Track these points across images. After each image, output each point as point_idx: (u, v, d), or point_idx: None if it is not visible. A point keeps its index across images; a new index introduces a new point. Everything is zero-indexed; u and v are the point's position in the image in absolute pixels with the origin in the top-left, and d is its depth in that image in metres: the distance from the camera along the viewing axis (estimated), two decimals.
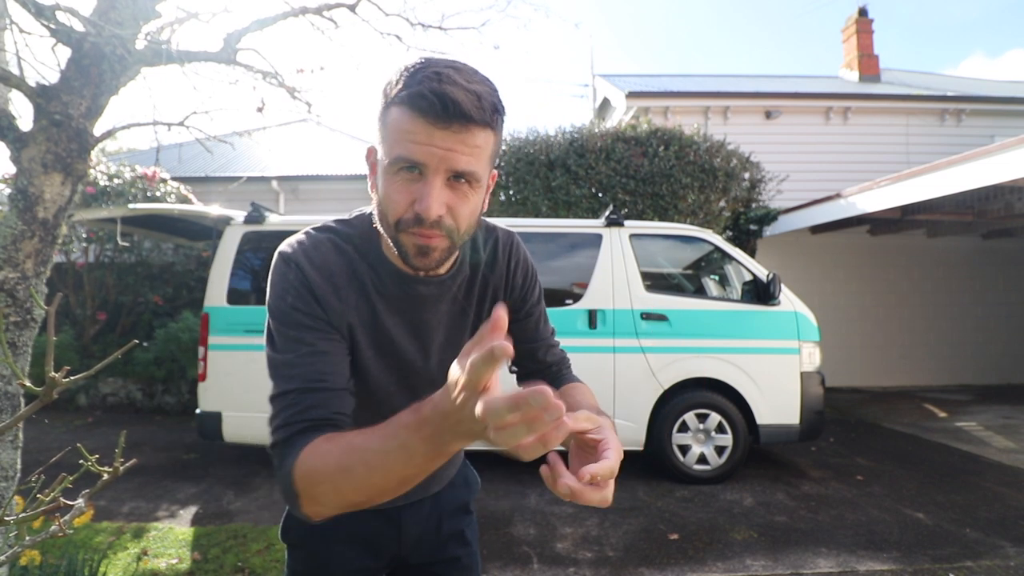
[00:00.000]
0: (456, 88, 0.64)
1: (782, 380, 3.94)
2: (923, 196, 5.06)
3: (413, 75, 0.66)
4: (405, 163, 0.67)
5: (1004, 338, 8.53)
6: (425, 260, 0.72)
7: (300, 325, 0.74)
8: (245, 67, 2.59)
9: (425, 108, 0.64)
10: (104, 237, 6.48)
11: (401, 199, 0.69)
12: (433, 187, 0.67)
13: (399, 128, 0.66)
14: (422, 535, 0.94)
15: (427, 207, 0.67)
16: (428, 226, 0.68)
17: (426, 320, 0.84)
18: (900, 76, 12.34)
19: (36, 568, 2.06)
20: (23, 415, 0.64)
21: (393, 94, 0.67)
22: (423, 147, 0.65)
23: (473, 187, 0.70)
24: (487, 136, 0.68)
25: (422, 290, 0.82)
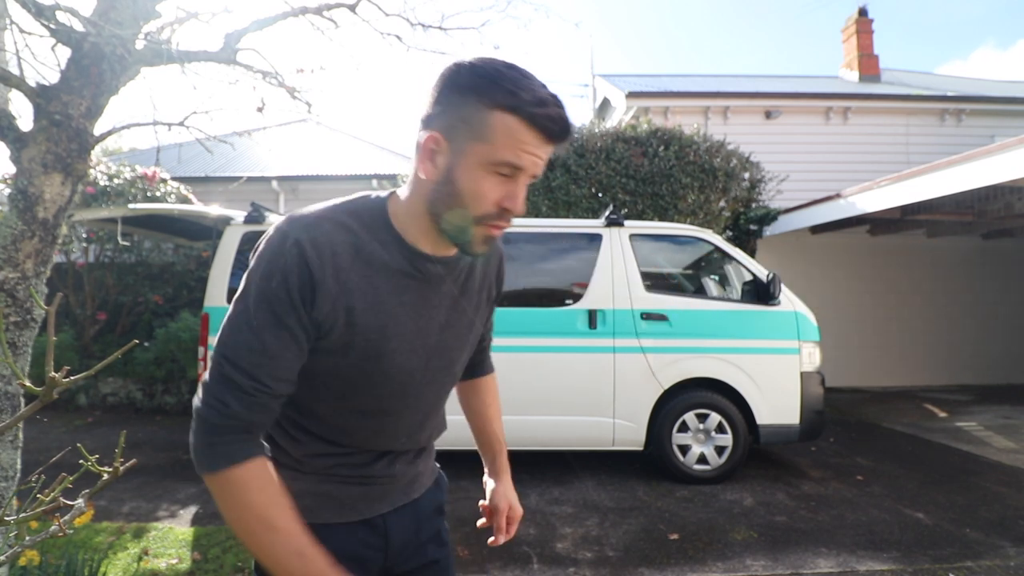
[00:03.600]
0: (564, 111, 0.72)
1: (782, 380, 3.94)
2: (923, 196, 5.06)
3: (525, 88, 0.70)
4: (509, 167, 0.73)
5: (1004, 338, 8.52)
6: (486, 247, 0.79)
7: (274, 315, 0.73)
8: (245, 67, 2.59)
9: (550, 130, 0.71)
10: (104, 237, 6.48)
11: (493, 195, 0.74)
12: (523, 188, 0.75)
13: (513, 136, 0.71)
14: (406, 541, 0.95)
15: (517, 205, 0.75)
16: (508, 219, 0.76)
17: (430, 299, 0.85)
18: (900, 76, 12.34)
19: (36, 568, 2.06)
20: (23, 415, 0.64)
21: (507, 101, 0.70)
22: (531, 157, 0.73)
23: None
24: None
25: (431, 268, 0.83)
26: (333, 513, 0.86)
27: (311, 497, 0.84)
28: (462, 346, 0.92)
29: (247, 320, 0.73)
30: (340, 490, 0.86)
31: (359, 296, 0.77)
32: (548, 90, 0.72)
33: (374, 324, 0.79)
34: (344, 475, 0.86)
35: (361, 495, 0.87)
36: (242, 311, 0.74)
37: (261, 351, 0.72)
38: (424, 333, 0.85)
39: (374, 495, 0.89)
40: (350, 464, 0.86)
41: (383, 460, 0.89)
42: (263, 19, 2.54)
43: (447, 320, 0.88)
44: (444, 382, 0.93)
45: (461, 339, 0.91)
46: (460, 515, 3.37)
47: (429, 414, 0.93)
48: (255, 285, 0.74)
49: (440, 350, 0.88)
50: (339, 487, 0.86)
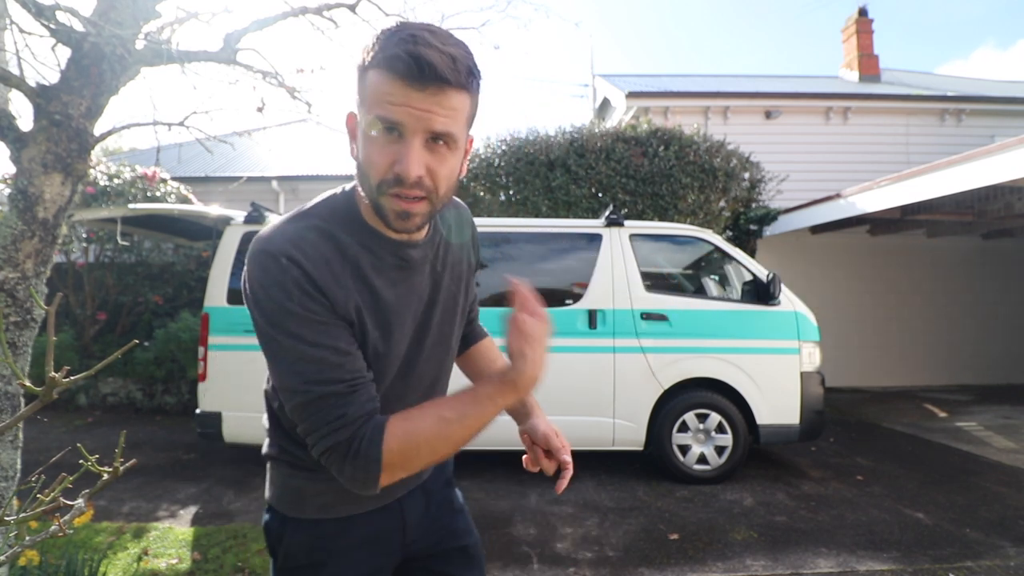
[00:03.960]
0: (431, 50, 0.65)
1: (782, 380, 3.94)
2: (923, 196, 5.06)
3: (389, 38, 0.67)
4: (384, 123, 0.68)
5: (1004, 338, 8.52)
6: (406, 223, 0.74)
7: (317, 323, 0.72)
8: (245, 67, 2.59)
9: (402, 70, 0.65)
10: (104, 237, 6.48)
11: (381, 160, 0.70)
12: (412, 147, 0.68)
13: (377, 90, 0.67)
14: (420, 516, 0.98)
15: (407, 167, 0.68)
16: (409, 186, 0.70)
17: (416, 284, 0.86)
18: (900, 76, 12.34)
19: (36, 568, 2.06)
20: (23, 415, 0.64)
21: (370, 58, 0.68)
22: (401, 108, 0.67)
23: (451, 148, 0.72)
24: (463, 98, 0.70)
25: (412, 253, 0.83)
26: (352, 506, 0.89)
27: (332, 495, 0.87)
28: (452, 320, 0.94)
29: (294, 344, 0.71)
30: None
31: (358, 296, 0.77)
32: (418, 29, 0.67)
33: (376, 320, 0.80)
34: None
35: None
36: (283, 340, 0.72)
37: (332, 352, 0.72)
38: (417, 316, 0.86)
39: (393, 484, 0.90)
40: None
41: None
42: (263, 19, 2.54)
43: (436, 299, 0.89)
44: (442, 358, 0.94)
45: (451, 314, 0.93)
46: None
47: (429, 393, 0.94)
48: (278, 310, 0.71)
49: (434, 328, 0.89)
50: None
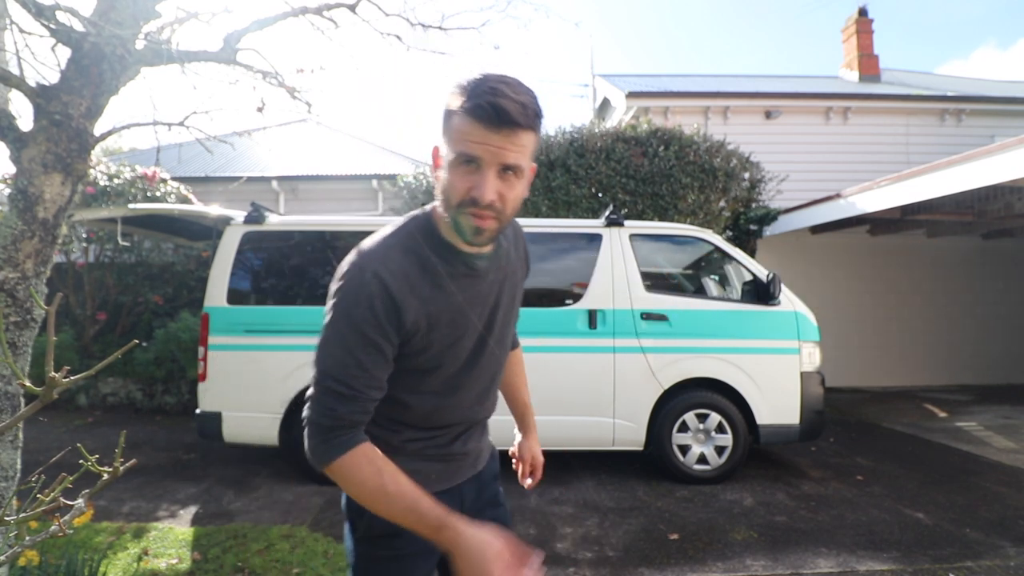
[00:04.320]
0: (507, 100, 0.82)
1: (782, 380, 3.94)
2: (923, 196, 5.06)
3: (474, 89, 0.83)
4: (465, 158, 0.85)
5: (1004, 338, 8.52)
6: (480, 238, 0.90)
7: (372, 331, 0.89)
8: (245, 67, 2.59)
9: (482, 116, 0.82)
10: (104, 237, 6.48)
11: (461, 186, 0.87)
12: (487, 177, 0.85)
13: (461, 131, 0.85)
14: (472, 503, 1.13)
15: (482, 193, 0.85)
16: (483, 208, 0.86)
17: (482, 290, 1.02)
18: (900, 76, 12.34)
19: (36, 568, 2.06)
20: (23, 415, 0.64)
21: (458, 105, 0.84)
22: (479, 145, 0.84)
23: (518, 177, 0.88)
24: (529, 137, 0.87)
25: (480, 264, 1.00)
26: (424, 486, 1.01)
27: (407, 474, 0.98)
28: (509, 321, 1.11)
29: (341, 343, 0.90)
30: (428, 467, 1.05)
31: (433, 303, 0.95)
32: (497, 82, 0.83)
33: (447, 321, 0.97)
34: (431, 455, 1.06)
35: (443, 470, 1.07)
36: (335, 335, 0.90)
37: (356, 365, 0.89)
38: (482, 318, 1.03)
39: (452, 470, 1.09)
40: (435, 445, 1.06)
41: (458, 440, 1.09)
42: (263, 19, 2.54)
43: (498, 302, 1.05)
44: (499, 356, 1.11)
45: (509, 316, 1.10)
46: None
47: (489, 386, 1.11)
48: (343, 313, 0.90)
49: (495, 329, 1.06)
50: (427, 464, 1.05)
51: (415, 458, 1.03)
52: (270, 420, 3.84)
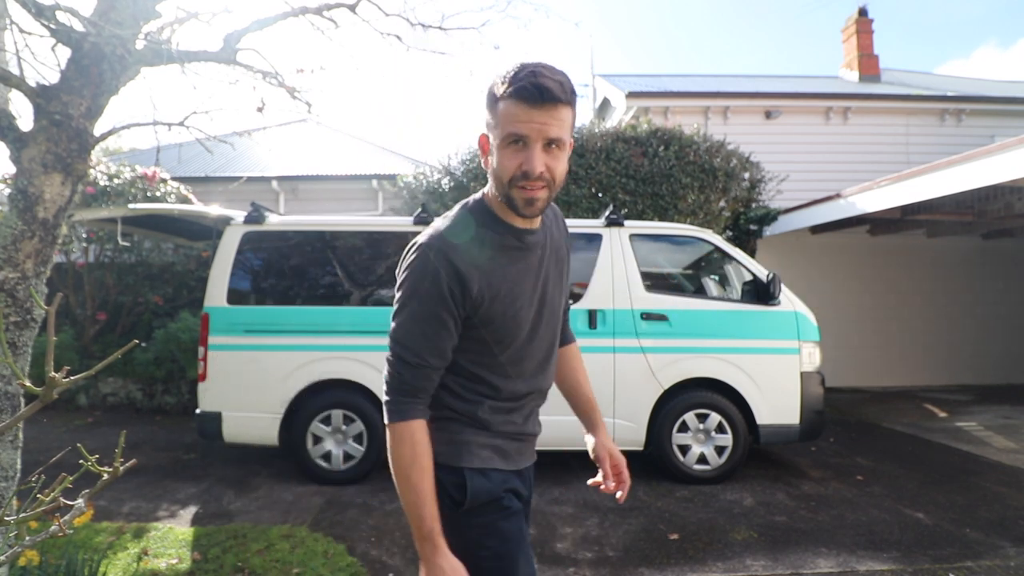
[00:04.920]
0: (546, 79, 0.91)
1: (782, 380, 3.94)
2: (923, 196, 5.06)
3: (515, 75, 0.93)
4: (513, 138, 0.95)
5: (1004, 338, 8.52)
6: (532, 208, 0.99)
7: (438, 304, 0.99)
8: (245, 67, 2.59)
9: (527, 96, 0.91)
10: (104, 237, 6.48)
11: (512, 163, 0.96)
12: (535, 152, 0.95)
13: (508, 114, 0.94)
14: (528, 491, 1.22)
15: (532, 165, 0.94)
16: (533, 179, 0.95)
17: (532, 262, 1.10)
18: (900, 76, 12.33)
19: (36, 568, 2.06)
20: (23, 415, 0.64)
21: (501, 92, 0.94)
22: (525, 124, 0.93)
23: (561, 149, 0.97)
24: (568, 111, 0.96)
25: (529, 239, 1.09)
26: (502, 462, 1.12)
27: (490, 449, 1.10)
28: (560, 293, 1.18)
29: (411, 314, 1.01)
30: (507, 444, 1.13)
31: (492, 275, 1.04)
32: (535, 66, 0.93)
33: (505, 290, 1.05)
34: (509, 432, 1.13)
35: (517, 450, 1.15)
36: (404, 308, 1.02)
37: (421, 334, 1.01)
38: (535, 288, 1.11)
39: (524, 451, 1.18)
40: (511, 422, 1.13)
41: (529, 420, 1.17)
42: (263, 19, 2.54)
43: (548, 275, 1.14)
44: (554, 325, 1.17)
45: (559, 288, 1.17)
46: None
47: (549, 354, 1.18)
48: (412, 288, 1.01)
49: (548, 299, 1.14)
50: (507, 442, 1.13)
51: (498, 436, 1.11)
52: (270, 420, 3.84)
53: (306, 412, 3.88)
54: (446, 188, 6.76)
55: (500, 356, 1.08)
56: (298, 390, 3.85)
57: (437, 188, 6.84)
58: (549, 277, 1.14)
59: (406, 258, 1.04)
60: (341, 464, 3.91)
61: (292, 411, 3.88)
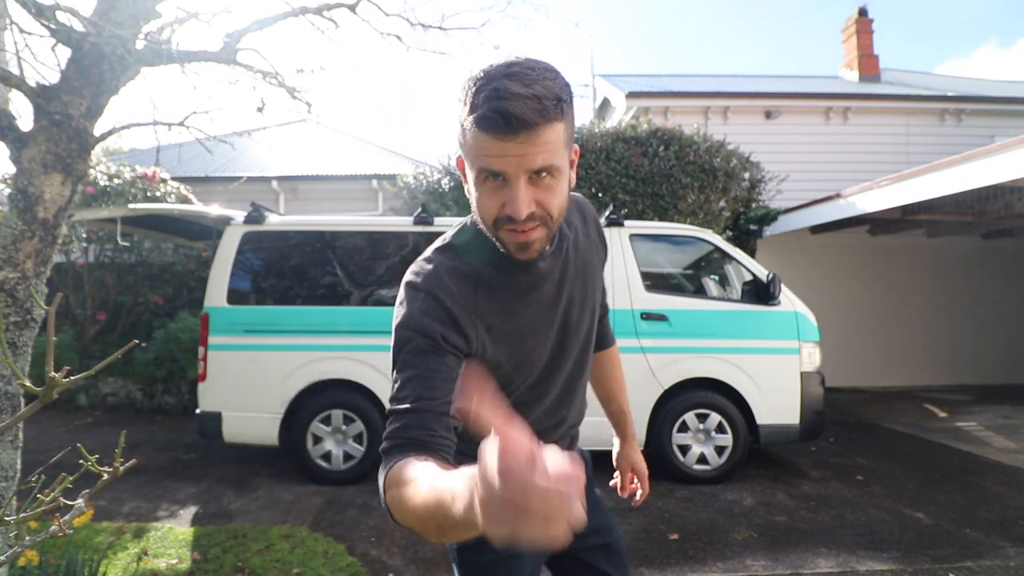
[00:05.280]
0: (514, 101, 0.69)
1: (782, 380, 3.94)
2: (923, 196, 5.06)
3: (476, 95, 0.71)
4: (487, 174, 0.75)
5: (1004, 338, 8.52)
6: (526, 252, 0.82)
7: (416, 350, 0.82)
8: (245, 67, 2.59)
9: (492, 127, 0.70)
10: (104, 237, 6.48)
11: (492, 204, 0.77)
12: (518, 190, 0.74)
13: (475, 145, 0.73)
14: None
15: (516, 209, 0.75)
16: (523, 221, 0.76)
17: (547, 292, 0.94)
18: (900, 76, 12.33)
19: (36, 568, 2.06)
20: (23, 415, 0.64)
21: (465, 115, 0.73)
22: (499, 158, 0.72)
23: (555, 176, 0.77)
24: (555, 129, 0.73)
25: (539, 268, 0.90)
26: None
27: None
28: (585, 317, 1.02)
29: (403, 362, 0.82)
30: None
31: (492, 315, 0.88)
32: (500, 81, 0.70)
33: (512, 332, 0.90)
34: None
35: None
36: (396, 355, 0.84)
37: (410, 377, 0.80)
38: (553, 321, 0.96)
39: None
40: None
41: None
42: (263, 19, 2.54)
43: (569, 301, 0.98)
44: (581, 351, 1.03)
45: (583, 312, 1.01)
46: None
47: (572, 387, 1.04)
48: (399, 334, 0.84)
49: (572, 327, 0.99)
50: None
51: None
52: (270, 420, 3.85)
53: (306, 412, 3.88)
54: (446, 188, 6.76)
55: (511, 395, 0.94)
56: (298, 390, 3.85)
57: (437, 188, 6.84)
58: (573, 301, 0.98)
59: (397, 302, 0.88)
60: (341, 464, 3.91)
61: (292, 411, 3.88)
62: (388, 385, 0.90)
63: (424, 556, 2.86)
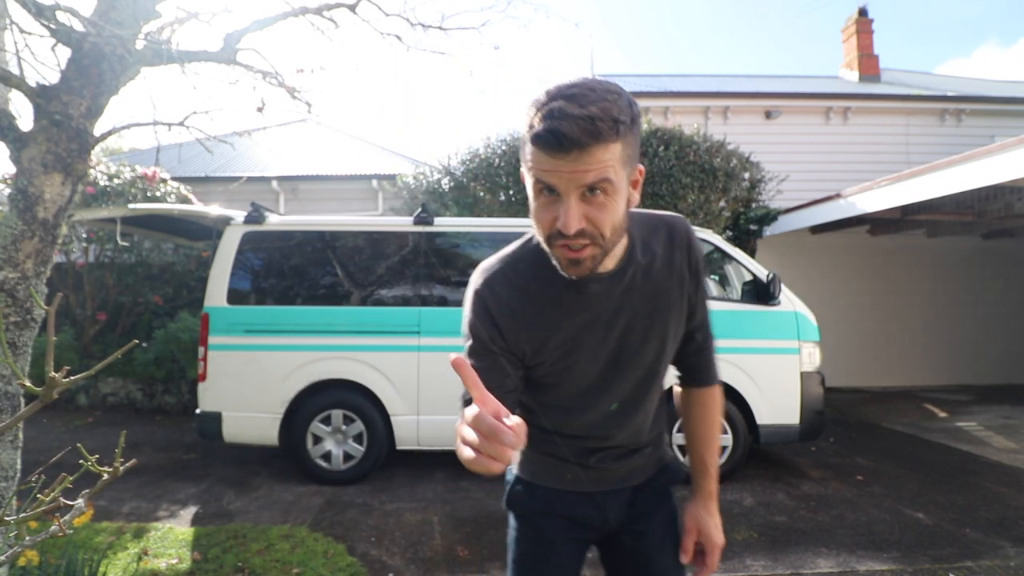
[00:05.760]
0: (568, 121, 0.73)
1: (782, 380, 3.94)
2: (923, 196, 5.06)
3: (536, 114, 0.77)
4: (542, 186, 0.79)
5: (1004, 338, 8.52)
6: (577, 269, 0.84)
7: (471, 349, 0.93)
8: (245, 67, 2.59)
9: (544, 144, 0.75)
10: (104, 237, 6.48)
11: (545, 218, 0.81)
12: (569, 206, 0.77)
13: (532, 160, 0.79)
14: (620, 514, 1.10)
15: (566, 224, 0.78)
16: (573, 237, 0.79)
17: (600, 312, 0.95)
18: (900, 76, 12.34)
19: (36, 568, 2.06)
20: (23, 415, 0.64)
21: (525, 131, 0.79)
22: (552, 173, 0.77)
23: (609, 193, 0.78)
24: (610, 148, 0.75)
25: (592, 288, 0.92)
26: (554, 481, 1.08)
27: (539, 465, 1.08)
28: (647, 348, 0.99)
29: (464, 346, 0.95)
30: (560, 465, 1.06)
31: (537, 326, 0.93)
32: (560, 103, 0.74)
33: (556, 344, 0.95)
34: (562, 456, 1.05)
35: (580, 474, 1.06)
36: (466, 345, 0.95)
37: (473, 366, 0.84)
38: (603, 343, 0.96)
39: (590, 477, 1.07)
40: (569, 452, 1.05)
41: (595, 455, 1.05)
42: (263, 19, 2.54)
43: (626, 327, 0.97)
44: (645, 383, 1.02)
45: (646, 343, 0.98)
46: (459, 515, 3.37)
47: (630, 413, 1.03)
48: (463, 323, 0.96)
49: (626, 355, 0.98)
50: (559, 463, 1.06)
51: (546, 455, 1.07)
52: (270, 420, 3.85)
53: (306, 412, 3.88)
54: (446, 188, 6.77)
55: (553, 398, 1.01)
56: (298, 390, 3.85)
57: (437, 188, 6.84)
58: (634, 329, 0.97)
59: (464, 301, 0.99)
60: (341, 464, 3.91)
61: (292, 411, 3.88)
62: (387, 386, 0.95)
63: (424, 556, 2.86)
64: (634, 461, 1.08)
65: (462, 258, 4.15)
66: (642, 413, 1.05)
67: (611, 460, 1.06)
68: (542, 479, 1.09)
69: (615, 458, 1.07)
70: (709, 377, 1.11)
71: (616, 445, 1.06)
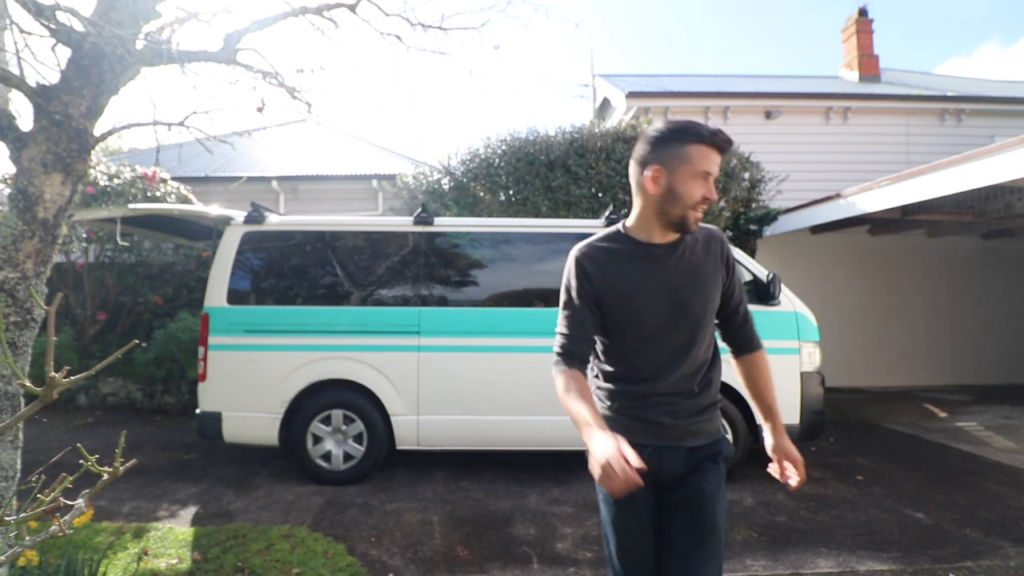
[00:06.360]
0: (724, 134, 1.29)
1: (782, 380, 3.93)
2: (923, 196, 5.05)
3: (696, 129, 1.27)
4: (704, 173, 1.28)
5: (1004, 338, 8.52)
6: (696, 225, 1.33)
7: (572, 297, 1.38)
8: (245, 67, 2.59)
9: (721, 145, 1.28)
10: (104, 237, 6.48)
11: (698, 192, 1.28)
12: (712, 184, 1.31)
13: (703, 155, 1.27)
14: (674, 470, 1.37)
15: (714, 194, 1.30)
16: (708, 204, 1.31)
17: (661, 270, 1.36)
18: (900, 76, 12.33)
19: (36, 568, 2.06)
20: (23, 415, 0.64)
21: (691, 138, 1.27)
22: (714, 165, 1.29)
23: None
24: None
25: (655, 251, 1.36)
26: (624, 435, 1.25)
27: (610, 423, 1.28)
28: (694, 303, 1.36)
29: (561, 305, 1.41)
30: (628, 423, 1.36)
31: (615, 276, 1.36)
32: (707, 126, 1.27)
33: (624, 290, 1.35)
34: (630, 414, 1.38)
35: (640, 429, 1.35)
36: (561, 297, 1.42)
37: (567, 315, 1.39)
38: (662, 293, 1.35)
39: (650, 432, 1.36)
40: (632, 406, 1.37)
41: (654, 409, 1.36)
42: (263, 19, 2.54)
43: (679, 283, 1.35)
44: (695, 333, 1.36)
45: (693, 299, 1.35)
46: (459, 515, 3.37)
47: (681, 357, 1.35)
48: (563, 281, 1.42)
49: (676, 305, 1.34)
50: (628, 420, 1.37)
51: (618, 414, 1.38)
52: (270, 420, 3.85)
53: (306, 412, 3.88)
54: (446, 188, 6.76)
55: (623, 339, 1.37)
56: (298, 390, 3.85)
57: (437, 188, 6.83)
58: (683, 286, 1.35)
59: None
60: (341, 464, 3.91)
61: (292, 411, 3.88)
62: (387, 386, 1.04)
63: (424, 556, 2.86)
64: (692, 424, 1.37)
65: (462, 258, 4.15)
66: (690, 361, 1.36)
67: (679, 416, 1.36)
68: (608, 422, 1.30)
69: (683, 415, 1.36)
70: (756, 343, 1.51)
71: (667, 392, 1.35)
